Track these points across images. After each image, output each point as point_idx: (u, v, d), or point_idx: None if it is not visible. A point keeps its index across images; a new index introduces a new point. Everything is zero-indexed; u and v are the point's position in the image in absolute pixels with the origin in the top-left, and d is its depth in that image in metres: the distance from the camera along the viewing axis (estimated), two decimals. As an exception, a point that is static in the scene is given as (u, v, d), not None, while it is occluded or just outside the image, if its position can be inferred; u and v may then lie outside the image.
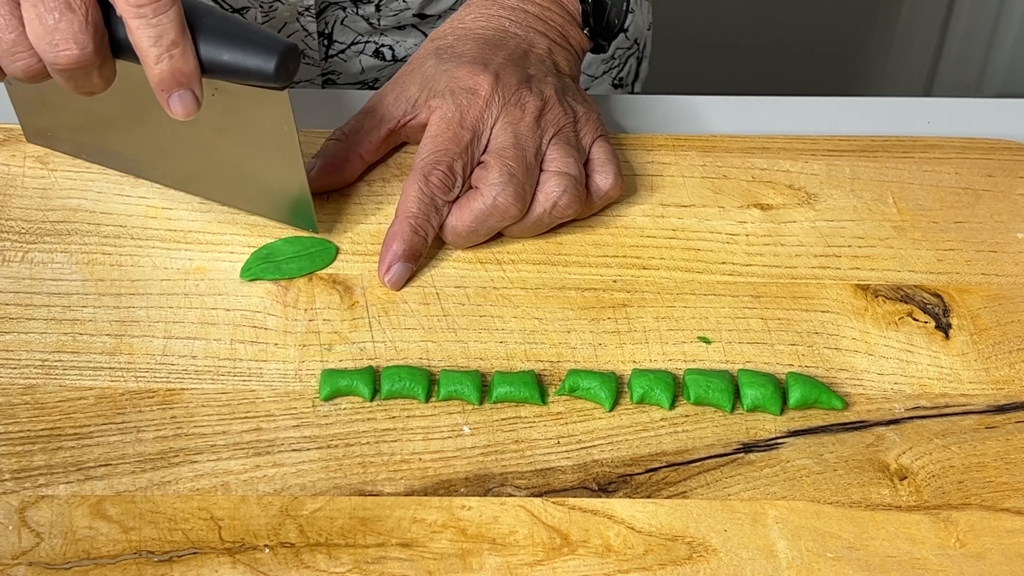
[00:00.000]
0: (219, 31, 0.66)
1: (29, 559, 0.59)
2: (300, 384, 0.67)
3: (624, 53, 1.04)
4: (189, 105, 0.66)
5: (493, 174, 0.73)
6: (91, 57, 0.64)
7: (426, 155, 0.74)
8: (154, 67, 0.64)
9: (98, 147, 0.78)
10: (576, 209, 0.75)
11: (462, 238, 0.74)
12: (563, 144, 0.75)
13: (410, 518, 0.62)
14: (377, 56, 0.96)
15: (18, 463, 0.63)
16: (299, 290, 0.72)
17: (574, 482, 0.64)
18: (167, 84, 0.65)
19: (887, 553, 0.61)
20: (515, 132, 0.74)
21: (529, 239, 0.76)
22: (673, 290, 0.74)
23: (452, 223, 0.74)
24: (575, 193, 0.74)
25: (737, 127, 0.86)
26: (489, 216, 0.73)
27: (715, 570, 0.60)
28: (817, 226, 0.78)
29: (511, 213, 0.73)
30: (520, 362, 0.69)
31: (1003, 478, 0.65)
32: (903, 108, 0.90)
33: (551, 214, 0.74)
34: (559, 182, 0.74)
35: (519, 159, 0.73)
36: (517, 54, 0.78)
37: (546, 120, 0.75)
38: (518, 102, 0.75)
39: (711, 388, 0.67)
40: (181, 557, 0.59)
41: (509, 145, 0.74)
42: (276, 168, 0.73)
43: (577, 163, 0.75)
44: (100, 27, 0.64)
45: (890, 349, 0.71)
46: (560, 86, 0.77)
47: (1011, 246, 0.77)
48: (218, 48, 0.66)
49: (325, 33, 0.94)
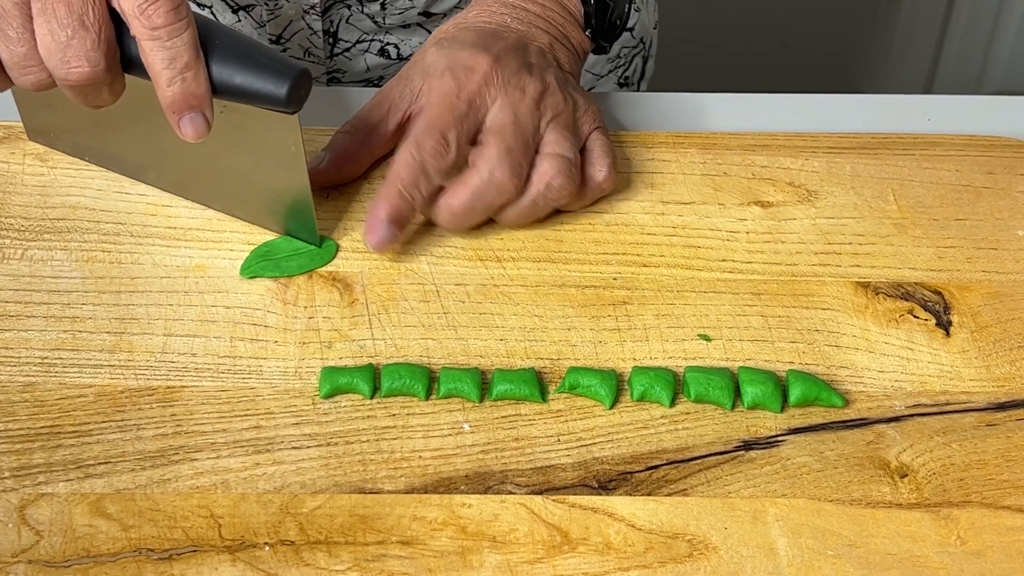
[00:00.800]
0: (233, 54, 0.66)
1: (29, 557, 0.59)
2: (300, 382, 0.67)
3: (630, 52, 1.04)
4: (200, 128, 0.66)
5: (490, 150, 0.73)
6: (102, 75, 0.64)
7: (421, 124, 0.74)
8: (166, 89, 0.64)
9: (100, 150, 0.78)
10: (570, 191, 0.75)
11: (458, 216, 0.74)
12: (561, 128, 0.75)
13: (410, 516, 0.61)
14: (382, 55, 0.96)
15: (18, 461, 0.63)
16: (299, 288, 0.72)
17: (574, 480, 0.63)
18: (179, 107, 0.65)
19: (888, 551, 0.61)
20: (514, 111, 0.74)
21: (529, 236, 0.76)
22: (673, 288, 0.73)
23: (448, 201, 0.73)
24: (569, 175, 0.74)
25: (737, 124, 0.86)
26: (485, 191, 0.73)
27: (715, 568, 0.60)
28: (817, 223, 0.78)
29: (507, 188, 0.73)
30: (520, 360, 0.69)
31: (1004, 475, 0.65)
32: (903, 105, 0.90)
33: (545, 196, 0.74)
34: (554, 163, 0.74)
35: (517, 136, 0.73)
36: (518, 44, 0.78)
37: (546, 104, 0.75)
38: (518, 84, 0.75)
39: (711, 386, 0.67)
40: (181, 555, 0.59)
41: (508, 123, 0.74)
42: (281, 184, 0.72)
43: (573, 147, 0.75)
44: (112, 45, 0.64)
45: (890, 346, 0.71)
46: (561, 77, 0.78)
47: (1012, 243, 0.77)
48: (230, 71, 0.66)
49: (330, 31, 0.94)
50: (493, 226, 0.76)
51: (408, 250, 0.75)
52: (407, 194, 0.72)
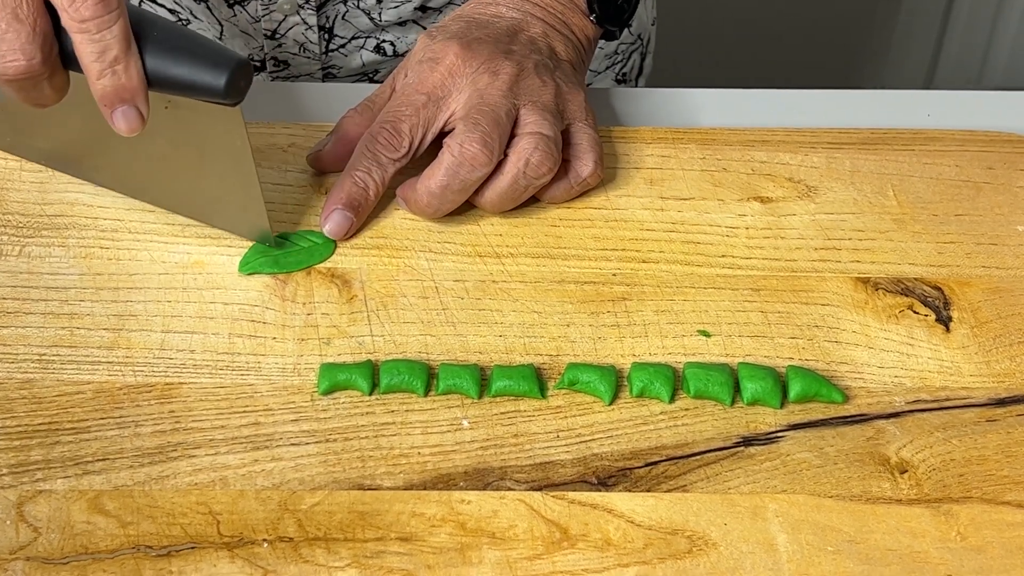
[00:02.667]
0: (168, 45, 0.65)
1: (27, 554, 0.59)
2: (298, 378, 0.67)
3: (628, 48, 1.03)
4: (133, 121, 0.66)
5: (458, 129, 0.74)
6: (39, 68, 0.64)
7: (379, 117, 0.76)
8: (96, 82, 0.64)
9: (54, 154, 0.77)
10: (550, 168, 0.75)
11: (436, 198, 0.74)
12: (539, 109, 0.75)
13: (409, 512, 0.61)
14: (378, 51, 0.96)
15: (15, 457, 0.63)
16: (297, 284, 0.72)
17: (574, 476, 0.63)
18: (110, 99, 0.65)
19: (888, 546, 0.61)
20: (481, 95, 0.75)
21: (528, 232, 0.76)
22: (673, 283, 0.73)
23: (425, 184, 0.74)
24: (548, 151, 0.74)
25: (737, 120, 0.86)
26: (459, 168, 0.73)
27: (715, 564, 0.60)
28: (817, 219, 0.78)
29: (480, 161, 0.73)
30: (519, 356, 0.69)
31: (1004, 471, 0.64)
32: (903, 101, 0.90)
33: (525, 174, 0.74)
34: (531, 140, 0.74)
35: (485, 114, 0.74)
36: (502, 33, 0.78)
37: (520, 87, 0.76)
38: (489, 69, 0.75)
39: (711, 382, 0.67)
40: (179, 551, 0.59)
41: (474, 105, 0.74)
42: (231, 182, 0.72)
43: (552, 126, 0.75)
44: (49, 38, 0.64)
45: (890, 342, 0.71)
46: (546, 64, 0.78)
47: (1012, 239, 0.77)
48: (166, 62, 0.65)
49: (326, 27, 0.94)
50: (491, 222, 0.76)
51: (407, 246, 0.75)
52: (360, 182, 0.75)
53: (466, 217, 0.77)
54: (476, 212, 0.77)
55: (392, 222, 0.76)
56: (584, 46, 0.83)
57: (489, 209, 0.76)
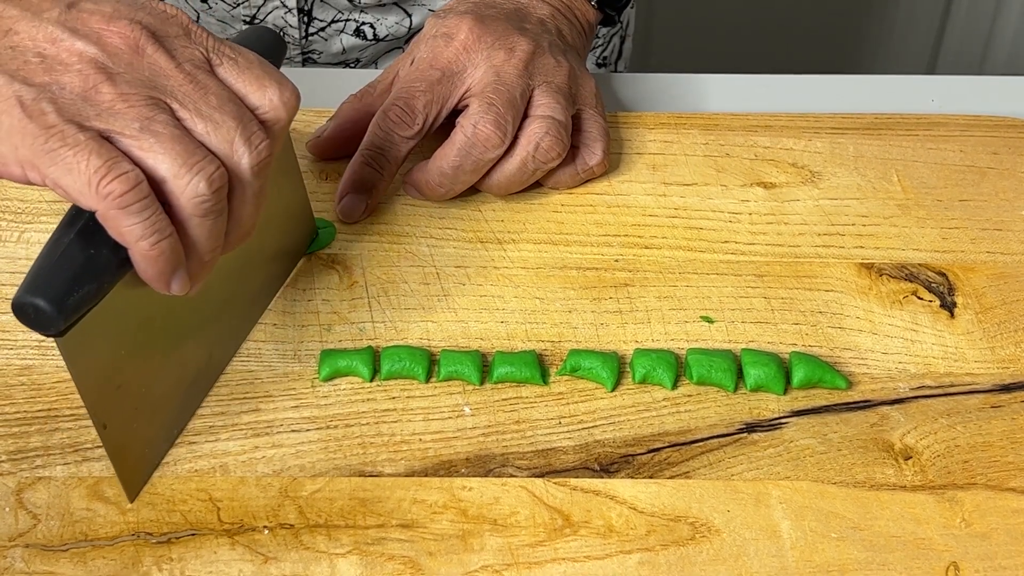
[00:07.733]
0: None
1: (26, 541, 0.58)
2: (299, 365, 0.67)
3: (608, 32, 1.03)
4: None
5: (472, 108, 0.73)
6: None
7: (391, 94, 0.75)
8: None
9: None
10: (559, 153, 0.74)
11: (448, 178, 0.74)
12: (552, 91, 0.75)
13: (410, 499, 0.61)
14: (358, 35, 0.95)
15: (15, 444, 0.62)
16: (298, 270, 0.72)
17: (576, 462, 0.63)
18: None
19: (891, 533, 0.61)
20: (497, 72, 0.74)
21: (530, 217, 0.75)
22: (675, 269, 0.73)
23: (437, 164, 0.74)
24: (558, 136, 0.74)
25: (740, 105, 0.85)
26: (472, 148, 0.73)
27: (718, 550, 0.60)
28: (821, 204, 0.77)
29: (492, 141, 0.72)
30: (521, 342, 0.69)
31: (1008, 457, 0.64)
32: (907, 86, 0.90)
33: (535, 158, 0.74)
34: (543, 124, 0.74)
35: (499, 93, 0.73)
36: (515, 13, 0.77)
37: (535, 66, 0.75)
38: (505, 45, 0.75)
39: (714, 368, 0.66)
40: (180, 538, 0.59)
41: (489, 82, 0.74)
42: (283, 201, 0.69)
43: (564, 110, 0.74)
44: None
45: (894, 328, 0.70)
46: (559, 45, 0.77)
47: (1016, 224, 0.77)
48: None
49: (305, 9, 0.93)
50: (492, 207, 0.76)
51: (408, 232, 0.74)
52: (373, 162, 0.74)
53: (467, 203, 0.76)
54: (478, 198, 0.76)
55: (393, 208, 0.76)
56: (586, 31, 0.83)
57: (495, 191, 0.75)
